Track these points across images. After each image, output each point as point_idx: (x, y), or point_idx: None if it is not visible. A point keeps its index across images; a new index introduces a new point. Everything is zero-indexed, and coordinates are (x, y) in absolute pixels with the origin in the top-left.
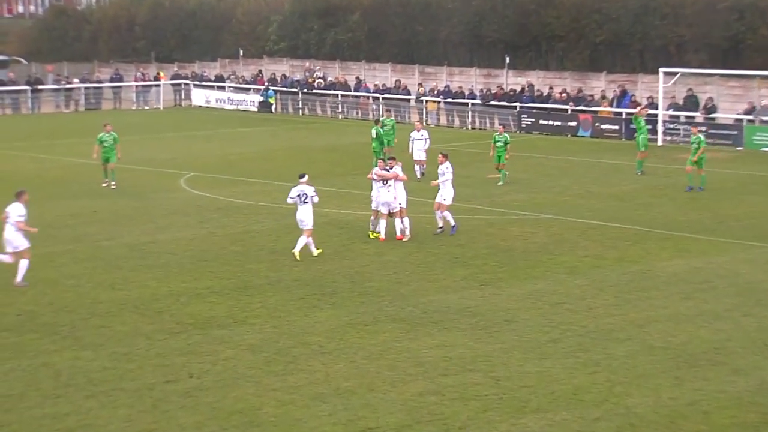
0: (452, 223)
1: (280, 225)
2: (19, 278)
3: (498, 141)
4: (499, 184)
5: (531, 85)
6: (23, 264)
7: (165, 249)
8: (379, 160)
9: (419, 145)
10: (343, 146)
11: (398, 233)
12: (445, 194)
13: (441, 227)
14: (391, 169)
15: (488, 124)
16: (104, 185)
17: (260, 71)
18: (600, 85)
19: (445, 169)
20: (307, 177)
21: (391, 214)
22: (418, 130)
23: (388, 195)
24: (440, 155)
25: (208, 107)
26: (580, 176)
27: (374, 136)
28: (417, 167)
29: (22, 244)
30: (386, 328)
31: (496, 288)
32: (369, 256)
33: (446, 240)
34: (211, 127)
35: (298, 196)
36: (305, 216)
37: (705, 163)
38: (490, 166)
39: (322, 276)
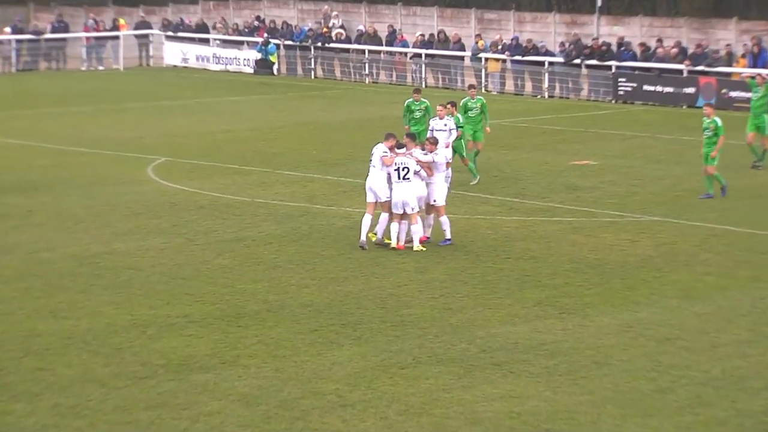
0: (448, 234)
1: (283, 229)
2: (380, 234)
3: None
4: (472, 183)
5: (629, 38)
6: (383, 218)
7: (126, 263)
8: (403, 141)
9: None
10: (372, 121)
11: (405, 240)
12: (438, 193)
13: (449, 239)
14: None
15: (571, 92)
16: None
17: (258, 18)
18: (728, 36)
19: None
20: (405, 148)
21: (403, 215)
22: (441, 118)
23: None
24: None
25: (185, 68)
26: (699, 163)
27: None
28: None
29: (384, 194)
30: (430, 373)
31: (582, 317)
32: (407, 273)
33: (513, 251)
34: (189, 94)
35: (397, 170)
36: (407, 196)
37: (719, 156)
38: (573, 149)
39: (343, 300)
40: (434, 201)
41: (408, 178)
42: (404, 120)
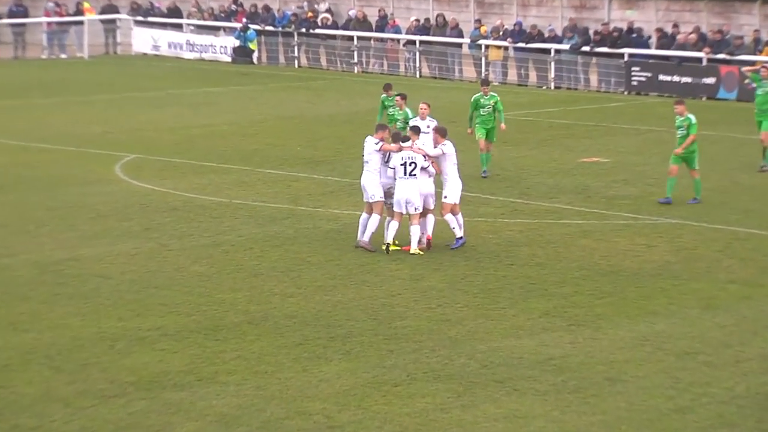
0: (458, 233)
1: (266, 233)
2: (367, 237)
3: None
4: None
5: (643, 23)
6: (373, 221)
7: (93, 270)
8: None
9: (427, 143)
10: (361, 115)
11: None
12: (449, 188)
13: (461, 237)
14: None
15: (581, 81)
16: None
17: (236, 2)
18: (752, 21)
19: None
20: (411, 140)
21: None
22: (423, 118)
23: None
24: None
25: (156, 56)
26: (721, 160)
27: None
28: None
29: (377, 193)
30: (427, 390)
31: (593, 330)
32: (401, 281)
33: (517, 257)
34: (161, 85)
35: (402, 165)
36: (411, 194)
37: (698, 158)
38: (582, 145)
39: (331, 310)
40: (445, 197)
41: (414, 174)
42: (378, 116)
